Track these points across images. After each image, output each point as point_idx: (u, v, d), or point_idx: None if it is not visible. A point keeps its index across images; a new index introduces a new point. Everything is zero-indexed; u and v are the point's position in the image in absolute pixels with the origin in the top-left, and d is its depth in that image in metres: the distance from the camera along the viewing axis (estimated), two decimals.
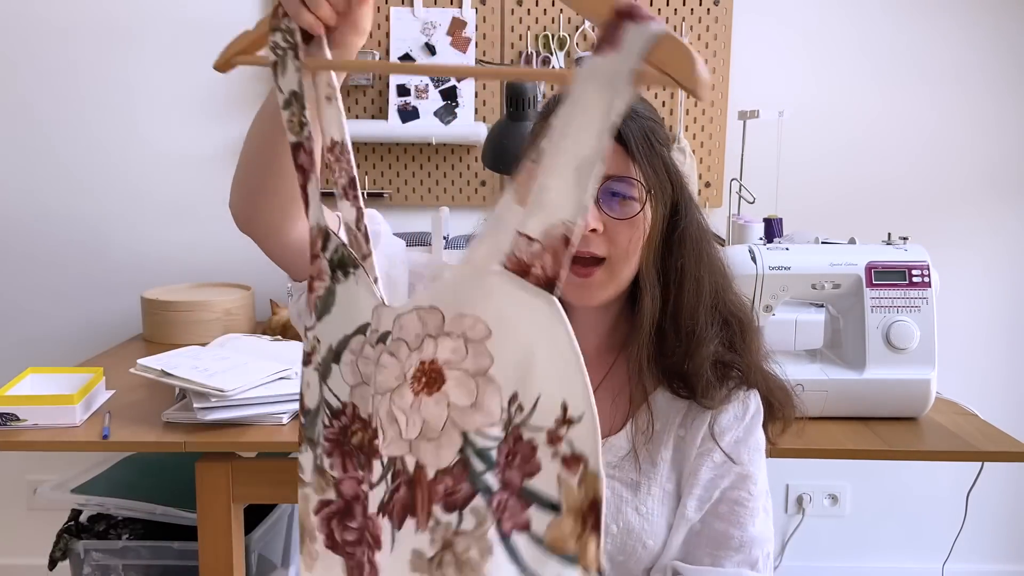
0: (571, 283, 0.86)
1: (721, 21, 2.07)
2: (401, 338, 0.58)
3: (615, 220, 0.85)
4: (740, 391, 0.93)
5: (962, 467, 1.77)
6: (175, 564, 1.60)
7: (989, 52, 2.10)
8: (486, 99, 2.09)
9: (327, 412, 0.64)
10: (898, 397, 1.39)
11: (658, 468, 0.91)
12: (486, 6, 2.05)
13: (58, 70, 2.03)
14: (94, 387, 1.39)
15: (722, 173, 2.13)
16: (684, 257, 0.89)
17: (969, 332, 2.19)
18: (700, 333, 0.89)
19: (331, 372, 0.64)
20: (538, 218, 0.53)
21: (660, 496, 0.91)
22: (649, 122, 0.86)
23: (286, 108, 0.65)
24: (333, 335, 0.64)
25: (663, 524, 0.91)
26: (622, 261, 0.86)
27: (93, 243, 2.12)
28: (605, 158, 0.54)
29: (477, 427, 0.55)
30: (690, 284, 0.89)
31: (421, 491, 0.56)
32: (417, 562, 0.56)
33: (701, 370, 0.88)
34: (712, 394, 0.89)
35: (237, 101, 2.05)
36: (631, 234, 0.86)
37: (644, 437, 0.91)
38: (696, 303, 0.89)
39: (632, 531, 0.90)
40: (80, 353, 2.00)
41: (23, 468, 2.21)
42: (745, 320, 0.93)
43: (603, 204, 0.84)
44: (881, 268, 1.38)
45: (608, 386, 0.95)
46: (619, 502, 0.90)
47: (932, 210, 2.16)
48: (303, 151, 0.65)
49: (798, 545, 2.30)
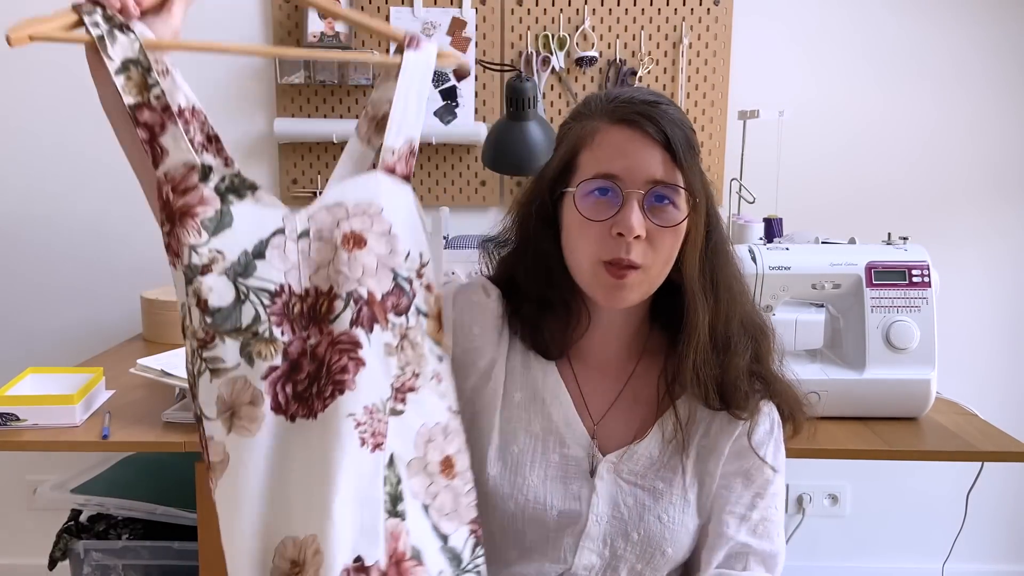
0: (604, 284, 0.86)
1: (721, 21, 2.07)
2: (320, 228, 0.82)
3: (659, 228, 0.84)
4: (765, 404, 0.93)
5: (962, 467, 1.77)
6: (175, 564, 1.60)
7: (989, 52, 2.10)
8: (486, 99, 2.09)
9: (263, 295, 0.80)
10: (898, 397, 1.39)
11: (679, 476, 0.91)
12: (486, 6, 2.05)
13: (58, 68, 2.03)
14: (94, 387, 1.39)
15: (722, 173, 2.13)
16: (718, 268, 0.90)
17: (969, 332, 2.19)
18: (735, 344, 0.89)
19: (254, 267, 0.80)
20: (395, 138, 0.86)
21: (681, 505, 0.91)
22: (689, 132, 0.86)
23: (121, 73, 0.78)
24: (243, 243, 0.80)
25: (683, 532, 0.91)
26: (659, 267, 0.86)
27: (93, 243, 2.12)
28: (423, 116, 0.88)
29: (397, 263, 0.84)
30: (724, 294, 0.89)
31: (377, 308, 0.83)
32: (388, 349, 0.83)
33: (738, 381, 0.89)
34: (746, 404, 0.90)
35: (237, 101, 2.05)
36: (673, 242, 0.85)
37: (670, 446, 0.91)
38: (732, 314, 0.90)
39: (652, 539, 0.90)
40: (80, 353, 2.00)
41: (23, 468, 2.21)
42: (765, 328, 0.94)
43: (648, 211, 0.83)
44: (881, 268, 1.38)
45: (630, 393, 0.95)
46: (641, 510, 0.90)
47: (932, 210, 2.16)
48: (146, 108, 0.78)
49: (798, 545, 2.30)
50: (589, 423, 0.93)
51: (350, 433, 0.78)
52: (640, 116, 0.84)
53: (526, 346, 0.94)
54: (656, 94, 0.88)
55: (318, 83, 2.03)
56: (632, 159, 0.83)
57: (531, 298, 0.92)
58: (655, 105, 0.85)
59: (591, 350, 0.95)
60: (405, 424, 0.83)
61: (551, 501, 0.90)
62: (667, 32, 2.07)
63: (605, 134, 0.85)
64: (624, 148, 0.84)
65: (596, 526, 0.90)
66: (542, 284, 0.92)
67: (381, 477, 0.80)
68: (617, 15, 2.06)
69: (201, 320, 0.79)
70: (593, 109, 0.88)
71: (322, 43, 1.98)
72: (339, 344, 0.80)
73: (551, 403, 0.93)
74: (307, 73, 2.02)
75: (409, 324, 0.84)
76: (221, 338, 0.79)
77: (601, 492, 0.90)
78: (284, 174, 2.09)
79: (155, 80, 0.78)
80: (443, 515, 0.84)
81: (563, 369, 0.95)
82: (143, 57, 0.78)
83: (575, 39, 2.06)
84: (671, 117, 0.84)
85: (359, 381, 0.79)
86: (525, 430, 0.92)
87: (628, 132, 0.84)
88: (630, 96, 0.86)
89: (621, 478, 0.91)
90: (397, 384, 0.83)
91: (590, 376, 0.95)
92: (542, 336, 0.93)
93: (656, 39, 2.07)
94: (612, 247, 0.84)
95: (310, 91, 2.06)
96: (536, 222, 0.92)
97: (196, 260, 0.79)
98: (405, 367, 0.84)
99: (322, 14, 1.99)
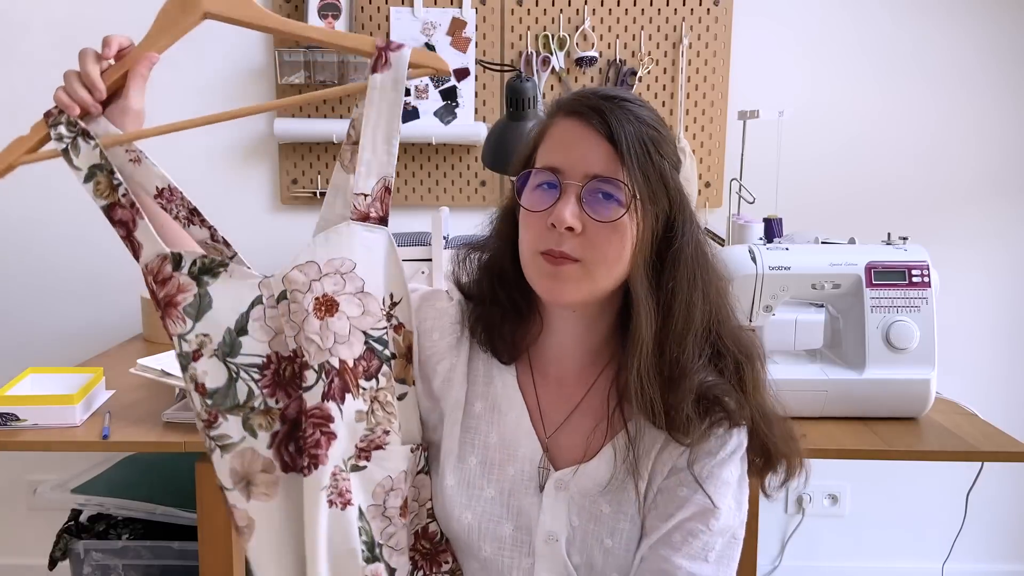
0: (541, 272, 0.82)
1: (721, 21, 2.07)
2: (295, 289, 0.83)
3: (595, 222, 0.80)
4: (721, 428, 0.85)
5: (962, 467, 1.78)
6: (175, 564, 1.60)
7: (989, 52, 2.10)
8: (486, 99, 2.09)
9: (252, 371, 0.83)
10: (898, 397, 1.39)
11: (629, 499, 0.86)
12: (486, 6, 2.05)
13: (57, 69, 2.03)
14: (94, 387, 1.39)
15: (722, 173, 2.13)
16: (676, 279, 0.82)
17: (969, 332, 2.19)
18: (685, 363, 0.82)
19: (239, 345, 0.83)
20: (365, 180, 0.85)
21: (628, 530, 0.85)
22: (651, 131, 0.81)
23: (88, 181, 0.83)
24: (225, 321, 0.83)
25: (631, 557, 0.85)
26: (600, 265, 0.81)
27: (93, 243, 2.12)
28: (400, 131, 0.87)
29: (370, 325, 0.85)
30: (680, 308, 0.82)
31: (348, 375, 0.83)
32: (358, 416, 0.85)
33: (681, 403, 0.82)
34: (688, 429, 0.83)
35: (236, 101, 2.05)
36: (612, 238, 0.80)
37: (623, 466, 0.85)
38: (685, 330, 0.82)
39: (594, 566, 0.86)
40: (80, 353, 2.00)
41: (23, 468, 2.21)
42: (745, 355, 0.86)
43: (586, 203, 0.80)
44: (881, 268, 1.38)
45: (587, 407, 0.90)
46: (584, 532, 0.86)
47: (932, 210, 2.16)
48: (118, 207, 0.83)
49: (798, 545, 2.30)
50: (543, 435, 0.89)
51: (323, 500, 0.82)
52: (589, 109, 0.81)
53: (483, 349, 0.92)
54: (624, 92, 0.84)
55: (318, 83, 2.03)
56: (574, 151, 0.81)
57: (488, 299, 0.91)
58: (611, 100, 0.81)
59: (553, 359, 0.91)
60: (367, 478, 0.86)
61: (504, 515, 0.88)
62: (667, 32, 2.07)
63: (555, 127, 0.84)
64: (568, 140, 0.82)
65: (545, 545, 0.86)
66: (496, 284, 0.90)
67: (356, 528, 0.84)
68: (617, 15, 2.06)
69: (202, 402, 0.83)
70: (554, 107, 0.86)
71: None
72: (312, 418, 0.82)
73: (507, 412, 0.90)
74: (307, 73, 2.02)
75: (380, 385, 0.86)
76: (223, 416, 0.83)
77: (547, 508, 0.86)
78: (284, 174, 2.09)
79: (118, 180, 0.83)
80: (395, 551, 0.88)
81: (523, 378, 0.91)
82: (105, 160, 0.83)
83: (575, 39, 2.06)
84: (626, 113, 0.80)
85: (331, 454, 0.82)
86: (483, 442, 0.90)
87: (574, 124, 0.82)
88: (593, 91, 0.84)
89: (571, 497, 0.86)
90: (363, 444, 0.85)
91: (548, 387, 0.91)
92: (495, 339, 0.91)
93: (656, 39, 2.07)
94: (547, 238, 0.81)
95: (310, 91, 2.06)
96: (501, 222, 0.91)
97: (186, 347, 0.83)
98: (375, 427, 0.86)
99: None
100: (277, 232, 2.11)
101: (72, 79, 0.85)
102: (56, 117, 0.84)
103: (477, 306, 0.92)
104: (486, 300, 0.91)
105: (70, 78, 0.85)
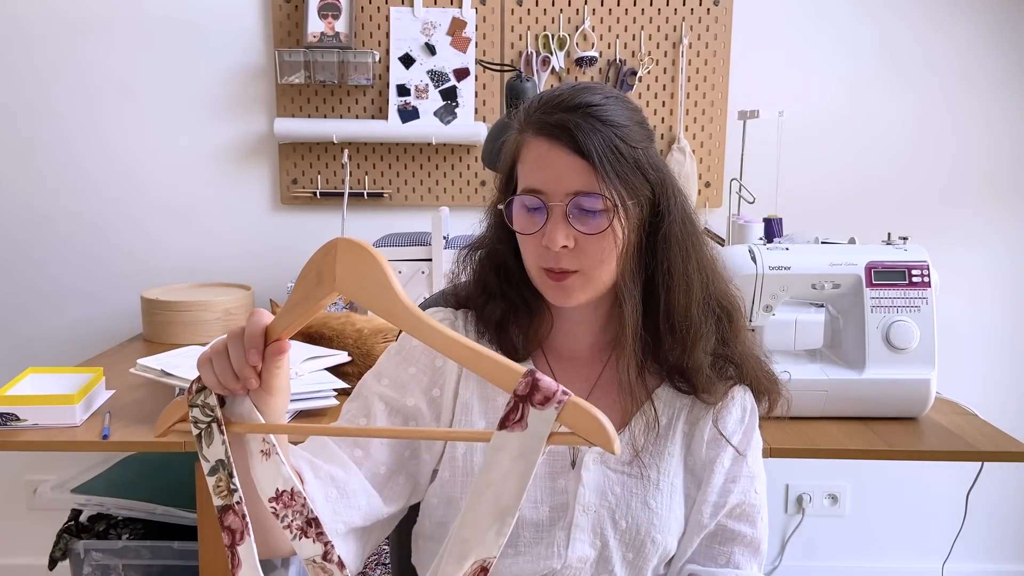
0: (548, 287, 0.88)
1: (721, 21, 2.07)
2: None
3: (585, 235, 0.84)
4: (738, 388, 0.94)
5: (962, 467, 1.78)
6: (175, 564, 1.60)
7: (989, 52, 2.10)
8: (486, 99, 2.09)
9: None
10: (898, 397, 1.39)
11: (666, 463, 0.92)
12: (486, 6, 2.05)
13: (58, 70, 2.03)
14: (94, 387, 1.39)
15: (722, 173, 2.13)
16: (671, 259, 0.88)
17: (969, 332, 2.19)
18: (696, 330, 0.89)
19: None
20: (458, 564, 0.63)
21: (669, 491, 0.91)
22: (617, 130, 0.84)
23: (212, 475, 0.73)
24: None
25: (672, 519, 0.91)
26: (596, 268, 0.86)
27: (93, 243, 2.12)
28: None
29: None
30: (679, 283, 0.88)
31: None
32: None
33: (701, 366, 0.89)
34: (713, 389, 0.91)
35: (238, 102, 2.05)
36: (603, 244, 0.85)
37: (651, 433, 0.91)
38: (688, 302, 0.88)
39: (640, 526, 0.90)
40: (80, 353, 2.00)
41: (23, 468, 2.21)
42: (732, 309, 0.93)
43: (572, 219, 0.84)
44: (881, 268, 1.38)
45: (606, 382, 0.94)
46: (628, 497, 0.90)
47: (932, 210, 2.16)
48: (232, 512, 0.73)
49: (798, 545, 2.30)
50: None
51: None
52: (556, 128, 0.83)
53: (493, 349, 0.92)
54: (585, 95, 0.85)
55: (318, 83, 2.03)
56: (552, 172, 0.84)
57: (496, 299, 0.93)
58: (575, 111, 0.83)
59: (563, 343, 0.96)
60: None
61: (541, 498, 0.91)
62: (667, 32, 2.07)
63: (529, 147, 0.86)
64: (544, 162, 0.85)
65: (584, 516, 0.90)
66: (503, 284, 0.93)
67: None
68: (617, 15, 2.06)
69: None
70: (523, 119, 0.88)
71: (322, 43, 1.98)
72: None
73: None
74: (307, 73, 2.02)
75: None
76: None
77: (588, 482, 0.90)
78: (284, 174, 2.09)
79: (235, 486, 0.72)
80: None
81: (538, 364, 0.95)
82: (227, 459, 0.73)
83: (575, 39, 2.06)
84: (591, 122, 0.83)
85: None
86: None
87: (547, 145, 0.84)
88: (556, 102, 0.85)
89: (608, 467, 0.91)
90: None
91: (564, 367, 0.95)
92: (509, 337, 0.93)
93: (656, 39, 2.07)
94: (546, 256, 0.86)
95: (310, 91, 2.06)
96: (494, 228, 0.94)
97: None
98: None
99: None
100: (277, 232, 2.11)
101: (224, 361, 0.72)
102: (195, 397, 0.74)
103: (485, 303, 0.94)
104: (498, 300, 0.93)
105: (222, 359, 0.73)
